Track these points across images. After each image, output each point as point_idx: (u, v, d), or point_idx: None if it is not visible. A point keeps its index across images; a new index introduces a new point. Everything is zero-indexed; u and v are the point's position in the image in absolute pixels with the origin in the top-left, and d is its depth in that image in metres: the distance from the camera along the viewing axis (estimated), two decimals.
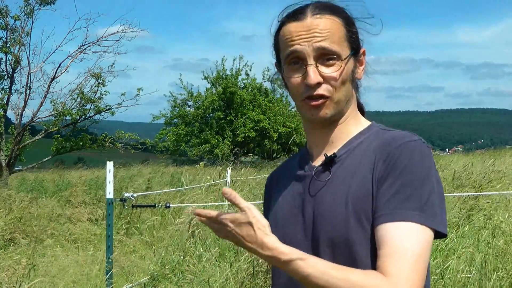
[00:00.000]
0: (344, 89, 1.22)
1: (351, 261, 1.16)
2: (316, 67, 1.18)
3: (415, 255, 1.08)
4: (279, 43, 1.26)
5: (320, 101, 1.20)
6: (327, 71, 1.19)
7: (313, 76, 1.18)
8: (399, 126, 1.34)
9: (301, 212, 1.26)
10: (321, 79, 1.18)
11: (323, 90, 1.19)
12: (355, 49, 1.25)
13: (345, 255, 1.17)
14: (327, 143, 1.29)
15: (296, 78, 1.21)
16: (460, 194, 6.94)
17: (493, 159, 11.80)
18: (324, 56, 1.19)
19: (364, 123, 1.32)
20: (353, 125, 1.29)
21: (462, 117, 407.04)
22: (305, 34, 1.19)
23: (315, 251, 1.20)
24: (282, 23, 1.25)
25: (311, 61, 1.18)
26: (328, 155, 1.26)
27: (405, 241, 1.09)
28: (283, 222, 1.29)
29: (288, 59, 1.22)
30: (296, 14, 1.23)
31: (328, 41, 1.19)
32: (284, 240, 1.22)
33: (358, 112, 1.32)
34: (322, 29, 1.19)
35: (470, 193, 6.82)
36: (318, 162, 1.29)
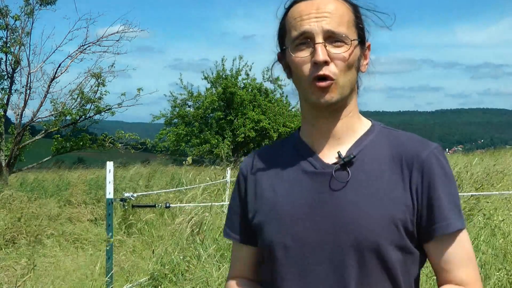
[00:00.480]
0: (349, 74, 1.21)
1: (382, 268, 1.16)
2: (325, 46, 1.17)
3: (474, 257, 1.21)
4: (285, 26, 1.25)
5: (328, 82, 1.17)
6: (335, 51, 1.18)
7: (321, 53, 1.16)
8: (399, 126, 1.35)
9: (315, 212, 1.20)
10: (328, 58, 1.17)
11: (328, 71, 1.17)
12: (362, 37, 1.24)
13: (375, 262, 1.15)
14: (331, 137, 1.25)
15: (304, 58, 1.19)
16: (460, 194, 6.92)
17: (494, 159, 11.81)
18: (333, 38, 1.18)
19: (366, 121, 1.31)
20: (357, 121, 1.28)
21: (462, 117, 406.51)
22: (315, 14, 1.18)
23: (335, 255, 1.16)
24: (291, 5, 1.25)
25: (320, 39, 1.17)
26: (341, 152, 1.23)
27: (466, 249, 1.20)
28: (291, 222, 1.21)
29: (297, 40, 1.20)
30: None
31: (336, 23, 1.18)
32: (293, 240, 1.20)
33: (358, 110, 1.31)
34: (331, 10, 1.19)
35: (470, 193, 6.82)
36: (327, 158, 1.24)
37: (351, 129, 1.26)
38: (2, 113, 13.80)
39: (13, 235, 7.36)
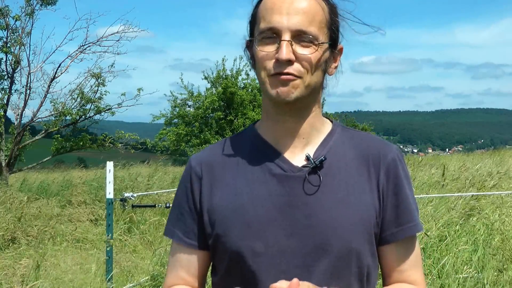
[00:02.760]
0: (315, 76, 1.15)
1: (354, 273, 1.14)
2: (291, 45, 1.12)
3: (421, 259, 1.24)
4: (257, 15, 1.18)
5: (290, 76, 1.12)
6: (301, 51, 1.13)
7: (286, 51, 1.11)
8: (399, 126, 1.35)
9: (284, 216, 1.15)
10: (293, 57, 1.12)
11: (293, 69, 1.12)
12: (334, 40, 1.19)
13: (348, 267, 1.14)
14: (296, 136, 1.20)
15: (268, 53, 1.14)
16: (460, 194, 6.94)
17: (494, 159, 11.81)
18: (301, 37, 1.13)
19: (327, 121, 1.27)
20: (320, 121, 1.24)
21: (462, 117, 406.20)
22: (287, 9, 1.12)
23: (308, 260, 1.13)
24: None
25: (287, 37, 1.12)
26: (310, 154, 1.19)
27: (418, 250, 1.22)
28: (260, 226, 1.14)
29: (264, 33, 1.14)
30: None
31: (308, 22, 1.13)
32: (264, 246, 1.14)
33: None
34: (305, 8, 1.13)
35: (470, 193, 6.82)
36: (294, 160, 1.19)
37: (316, 129, 1.22)
38: (2, 113, 13.80)
39: (13, 235, 7.36)
